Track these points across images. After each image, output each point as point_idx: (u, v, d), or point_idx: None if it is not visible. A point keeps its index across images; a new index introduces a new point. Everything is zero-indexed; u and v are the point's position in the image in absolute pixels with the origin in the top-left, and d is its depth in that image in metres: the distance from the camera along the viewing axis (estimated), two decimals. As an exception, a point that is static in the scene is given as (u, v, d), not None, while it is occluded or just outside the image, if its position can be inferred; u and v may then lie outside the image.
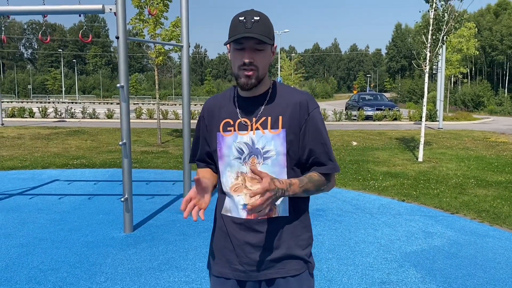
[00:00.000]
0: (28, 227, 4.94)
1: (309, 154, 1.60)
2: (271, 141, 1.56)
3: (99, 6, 4.56)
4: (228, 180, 1.62)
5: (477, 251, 4.32)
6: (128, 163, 4.71)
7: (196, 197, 1.46)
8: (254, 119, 1.59)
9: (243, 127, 1.59)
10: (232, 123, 1.61)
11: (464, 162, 9.67)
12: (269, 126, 1.57)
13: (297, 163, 1.61)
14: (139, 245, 4.41)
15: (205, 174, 1.73)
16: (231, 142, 1.59)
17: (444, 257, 4.15)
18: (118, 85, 4.57)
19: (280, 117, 1.58)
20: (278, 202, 1.59)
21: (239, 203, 1.59)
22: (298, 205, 1.64)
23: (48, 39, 5.16)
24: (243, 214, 1.59)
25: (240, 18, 1.50)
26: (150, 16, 10.77)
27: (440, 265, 3.97)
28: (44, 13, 4.87)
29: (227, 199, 1.64)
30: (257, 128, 1.58)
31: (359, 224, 5.17)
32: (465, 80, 52.05)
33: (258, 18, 1.50)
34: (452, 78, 40.20)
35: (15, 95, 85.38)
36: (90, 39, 4.96)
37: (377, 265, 3.96)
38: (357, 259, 4.10)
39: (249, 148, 1.58)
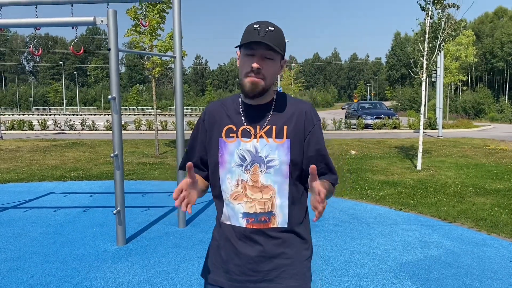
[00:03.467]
0: (21, 241, 4.89)
1: (309, 164, 1.58)
2: (275, 150, 1.55)
3: (91, 18, 4.56)
4: (228, 187, 1.58)
5: (474, 261, 4.26)
6: (120, 175, 4.67)
7: (187, 189, 1.43)
8: (258, 127, 1.57)
9: (246, 134, 1.57)
10: (235, 129, 1.58)
11: (463, 170, 9.60)
12: (273, 135, 1.56)
13: (299, 173, 1.60)
14: (131, 258, 4.36)
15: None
16: (234, 149, 1.57)
17: (440, 267, 4.09)
18: (109, 96, 4.55)
19: (285, 127, 1.57)
20: (277, 211, 1.57)
21: (239, 211, 1.57)
22: (297, 216, 1.62)
23: (40, 51, 5.16)
24: (243, 223, 1.57)
25: (254, 26, 1.51)
26: (144, 27, 10.81)
27: (435, 275, 3.90)
28: (36, 26, 4.87)
29: (225, 207, 1.61)
30: (261, 136, 1.56)
31: (355, 234, 5.11)
32: (465, 88, 52.07)
33: (272, 28, 1.51)
34: (452, 86, 40.25)
35: (17, 108, 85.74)
36: (81, 51, 4.95)
37: (371, 276, 3.90)
38: (352, 270, 4.04)
39: (252, 155, 1.55)
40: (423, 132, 10.15)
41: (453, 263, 4.19)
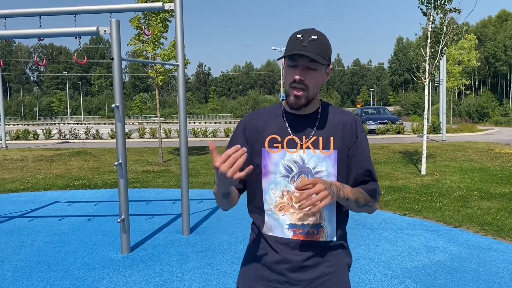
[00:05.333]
0: (25, 250, 4.90)
1: (355, 178, 1.57)
2: (322, 162, 1.52)
3: (94, 28, 4.60)
4: (272, 198, 1.55)
5: (480, 265, 4.23)
6: (124, 184, 4.69)
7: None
8: (304, 138, 1.54)
9: (292, 145, 1.54)
10: (279, 139, 1.55)
11: (467, 174, 9.56)
12: (320, 146, 1.53)
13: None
14: (135, 266, 4.36)
15: None
16: (279, 159, 1.53)
17: (446, 272, 4.07)
18: (113, 105, 4.58)
19: (332, 138, 1.54)
20: (326, 224, 1.55)
21: (285, 223, 1.54)
22: (343, 227, 1.61)
23: (44, 62, 5.21)
24: (289, 234, 1.54)
25: (297, 36, 1.48)
26: (147, 36, 10.89)
27: (441, 280, 3.88)
28: (40, 36, 4.92)
29: (267, 218, 1.57)
30: (307, 147, 1.53)
31: (360, 240, 5.09)
32: (468, 92, 51.96)
33: (315, 37, 1.47)
34: (456, 90, 40.22)
35: (22, 117, 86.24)
36: (85, 60, 4.99)
37: (377, 282, 3.88)
38: (357, 276, 4.02)
39: (299, 166, 1.52)
40: (427, 136, 10.12)
41: (458, 268, 4.17)
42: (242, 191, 1.69)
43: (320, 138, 1.54)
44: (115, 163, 4.63)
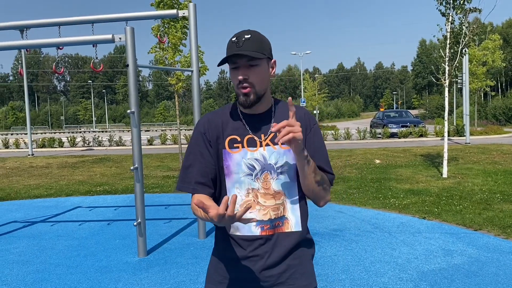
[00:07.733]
0: (46, 254, 5.03)
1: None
2: (283, 156, 1.57)
3: (109, 36, 4.71)
4: (238, 197, 1.57)
5: (499, 269, 4.13)
6: (140, 188, 4.77)
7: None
8: (263, 136, 1.58)
9: (252, 143, 1.58)
10: (239, 139, 1.59)
11: (491, 177, 9.33)
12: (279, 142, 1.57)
13: None
14: (151, 269, 4.42)
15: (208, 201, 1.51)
16: (240, 159, 1.57)
17: (464, 276, 3.98)
18: (128, 111, 4.67)
19: None
20: (289, 215, 1.59)
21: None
22: (305, 217, 1.65)
23: (62, 70, 5.35)
24: (257, 231, 1.57)
25: (232, 40, 1.53)
26: (162, 43, 11.05)
27: (458, 284, 3.80)
28: (58, 45, 5.06)
29: None
30: (267, 144, 1.57)
31: (376, 244, 5.03)
32: (494, 93, 50.71)
33: (249, 36, 1.52)
34: (482, 92, 39.32)
35: (49, 126, 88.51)
36: (101, 68, 5.11)
37: (391, 285, 3.83)
38: (371, 279, 3.97)
39: (261, 164, 1.57)
40: (451, 139, 9.95)
41: (477, 272, 4.07)
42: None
43: (278, 134, 1.56)
44: (131, 168, 4.72)
